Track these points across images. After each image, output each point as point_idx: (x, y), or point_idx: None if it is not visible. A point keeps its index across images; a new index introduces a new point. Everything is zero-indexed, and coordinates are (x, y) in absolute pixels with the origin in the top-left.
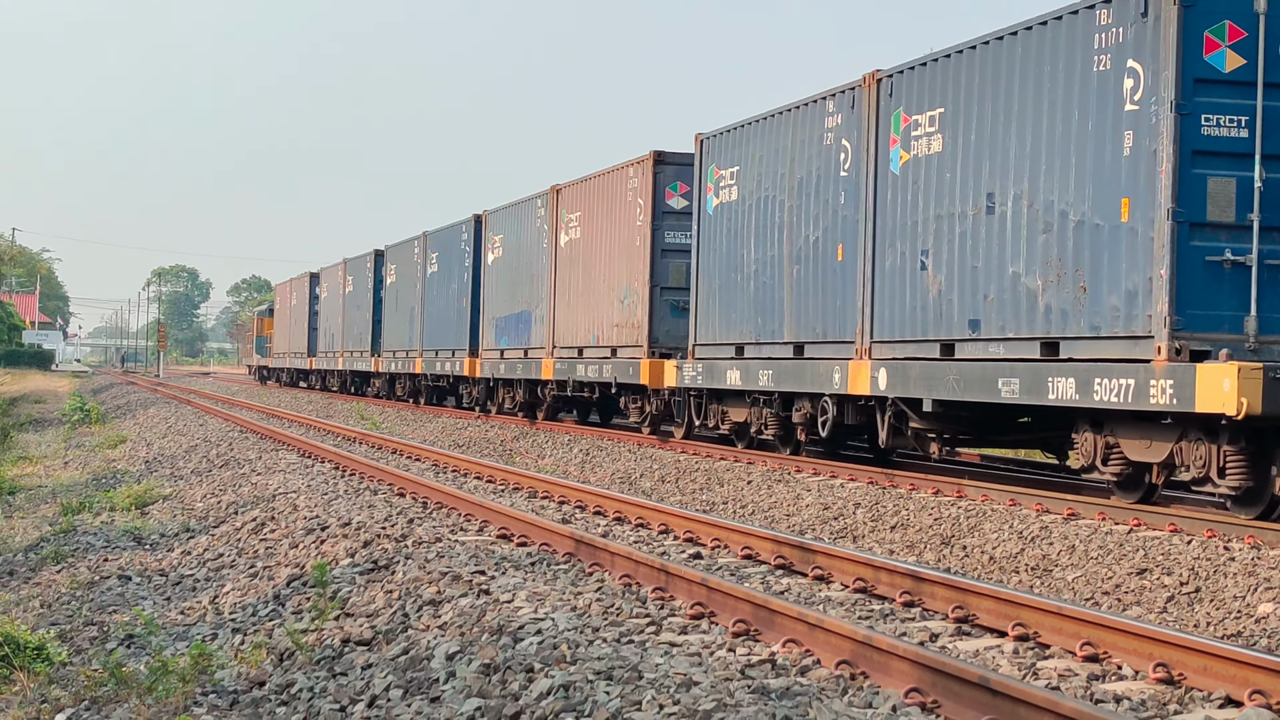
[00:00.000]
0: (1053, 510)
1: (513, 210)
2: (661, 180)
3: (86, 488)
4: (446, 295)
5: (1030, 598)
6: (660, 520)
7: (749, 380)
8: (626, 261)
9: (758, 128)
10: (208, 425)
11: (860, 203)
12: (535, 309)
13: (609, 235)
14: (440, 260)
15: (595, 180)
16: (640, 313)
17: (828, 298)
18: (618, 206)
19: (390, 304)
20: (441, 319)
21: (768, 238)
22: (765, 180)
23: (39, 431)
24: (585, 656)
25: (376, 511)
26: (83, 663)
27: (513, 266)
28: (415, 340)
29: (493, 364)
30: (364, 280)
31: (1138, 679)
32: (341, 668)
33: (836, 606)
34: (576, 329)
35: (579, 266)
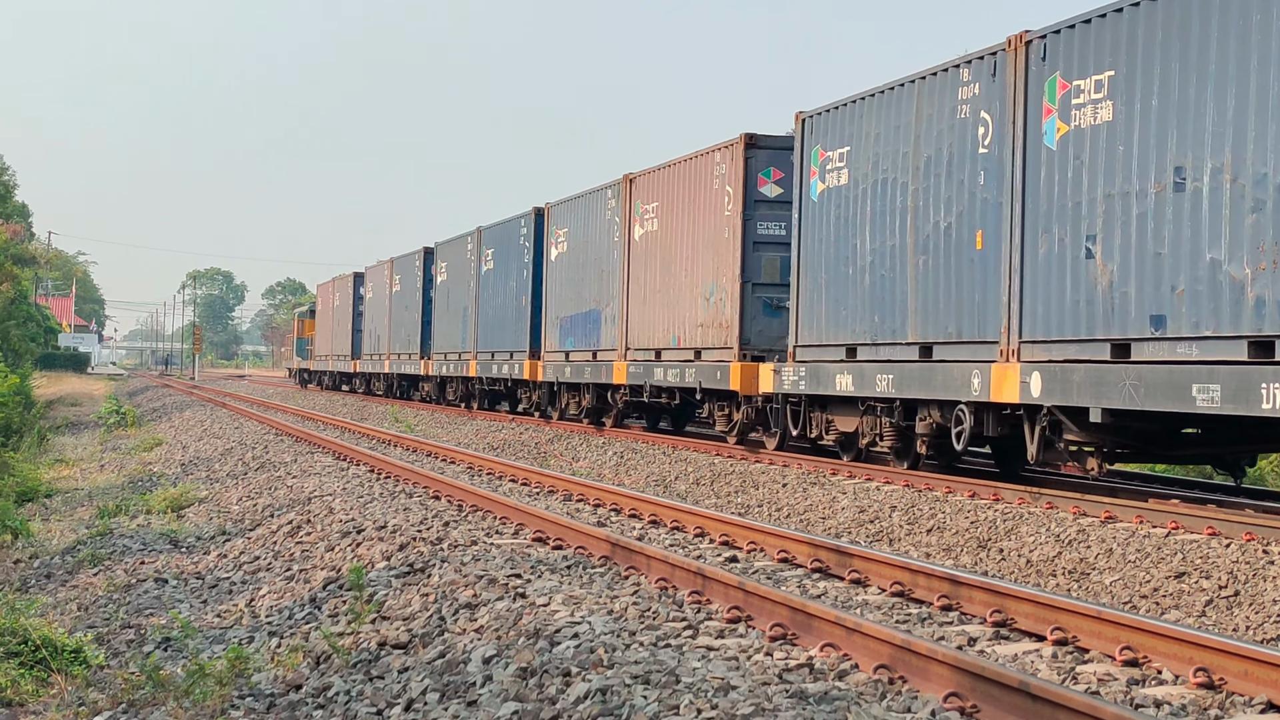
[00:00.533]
0: (1090, 513)
1: (579, 202)
2: (753, 166)
3: (123, 490)
4: (504, 294)
5: (1069, 601)
6: (696, 523)
7: (863, 386)
8: (713, 255)
9: (873, 103)
10: (243, 428)
11: (1005, 183)
12: (605, 308)
13: (691, 227)
14: (496, 257)
15: (675, 168)
16: (729, 311)
17: (963, 292)
18: (702, 195)
19: (441, 304)
20: (498, 319)
21: (886, 225)
22: (883, 161)
23: (75, 434)
24: (622, 660)
25: (412, 515)
26: (120, 665)
27: (579, 263)
28: (469, 342)
29: (557, 367)
30: (412, 279)
31: (1178, 684)
32: (378, 671)
33: (874, 610)
34: (653, 329)
35: (656, 261)
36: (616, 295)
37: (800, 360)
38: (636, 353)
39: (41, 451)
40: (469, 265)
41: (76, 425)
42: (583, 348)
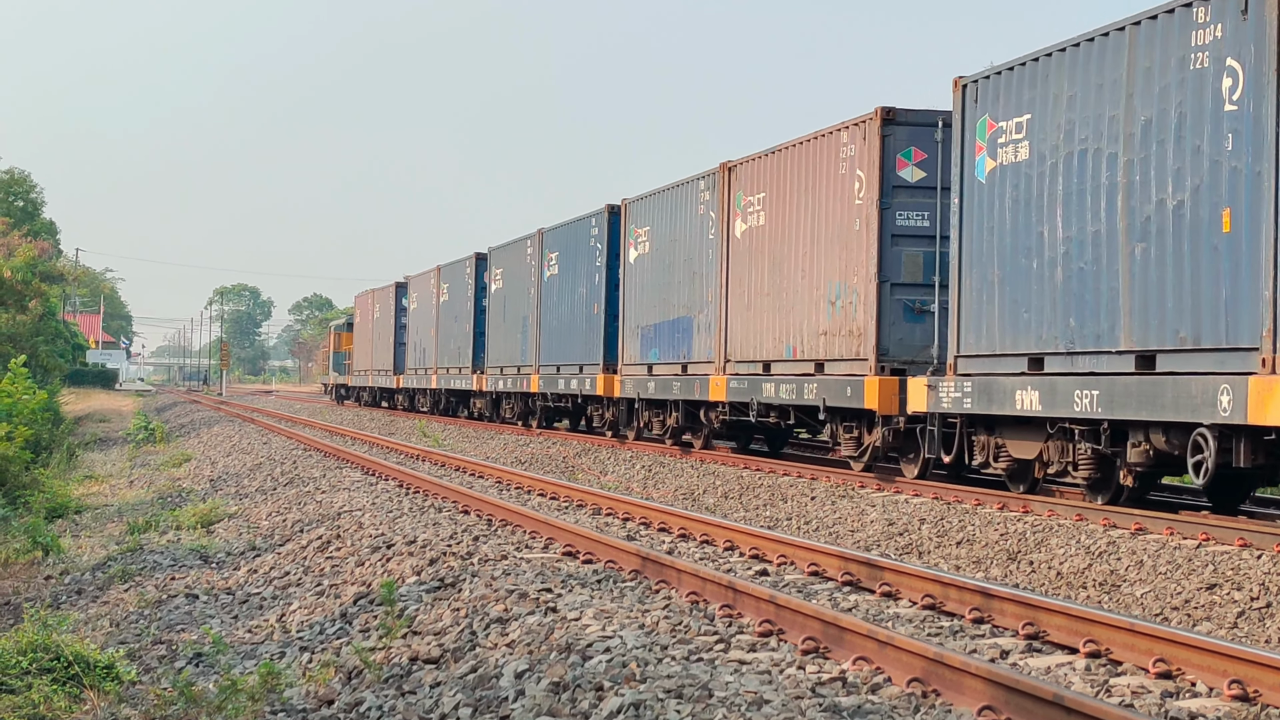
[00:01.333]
0: (1120, 525)
1: (664, 197)
2: (891, 145)
3: (152, 506)
4: (571, 301)
5: (1101, 614)
6: (725, 537)
7: (1054, 404)
8: (839, 252)
9: (1064, 59)
10: (271, 443)
11: (1264, 147)
12: (698, 315)
13: (810, 219)
14: (562, 261)
15: (788, 152)
16: (862, 317)
17: (1201, 286)
18: (824, 182)
19: (496, 313)
20: (565, 329)
21: (1087, 206)
22: (1080, 128)
23: (104, 450)
24: (655, 675)
25: (442, 529)
26: (152, 681)
27: (664, 264)
28: (529, 354)
29: (637, 382)
30: (463, 287)
31: (1212, 696)
32: (410, 686)
33: (905, 623)
34: (761, 338)
35: (763, 260)
36: (713, 300)
37: (964, 374)
38: (738, 365)
39: (71, 468)
40: (529, 271)
41: (105, 441)
42: (669, 360)
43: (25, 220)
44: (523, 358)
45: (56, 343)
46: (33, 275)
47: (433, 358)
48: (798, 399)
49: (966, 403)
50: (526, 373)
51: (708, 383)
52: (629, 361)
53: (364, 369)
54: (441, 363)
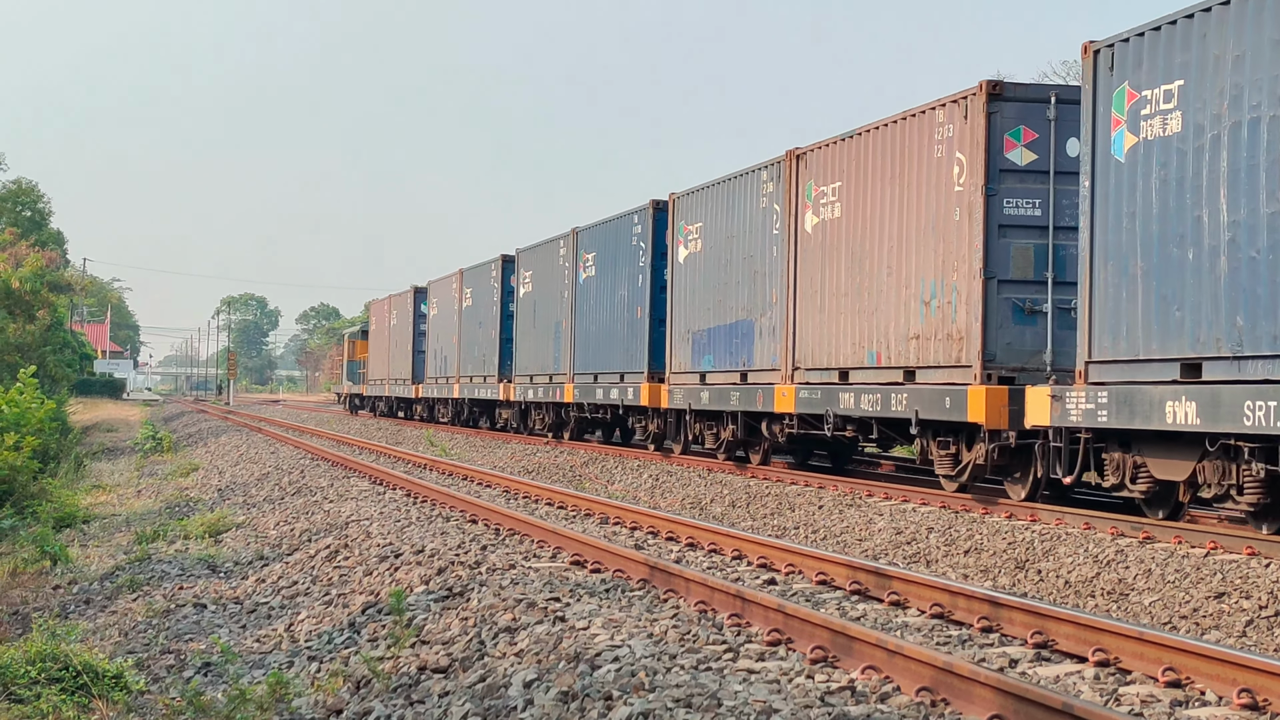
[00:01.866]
0: (1128, 534)
1: (719, 189)
2: (998, 124)
3: (160, 516)
4: (611, 305)
5: (1110, 622)
6: (733, 546)
7: (1218, 417)
8: (935, 245)
9: (1228, 13)
10: (279, 453)
11: None
12: (760, 318)
13: (899, 210)
14: (600, 261)
15: (871, 135)
16: (964, 318)
17: None
18: (915, 167)
19: (525, 318)
20: (603, 335)
21: (1260, 185)
22: (1251, 93)
23: (112, 460)
24: (664, 684)
25: (449, 538)
26: (161, 691)
27: (720, 263)
28: (562, 362)
29: (688, 391)
30: (488, 292)
31: (1221, 705)
32: (418, 695)
33: (914, 632)
34: (837, 343)
35: (839, 257)
36: (778, 302)
37: (1097, 382)
38: (809, 373)
39: (79, 477)
40: (562, 273)
41: (113, 451)
42: (726, 367)
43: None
44: (555, 366)
45: (64, 352)
46: (40, 285)
47: (455, 366)
48: (882, 411)
49: (1101, 416)
50: (560, 382)
51: (772, 393)
52: (678, 369)
53: (379, 378)
54: (465, 371)
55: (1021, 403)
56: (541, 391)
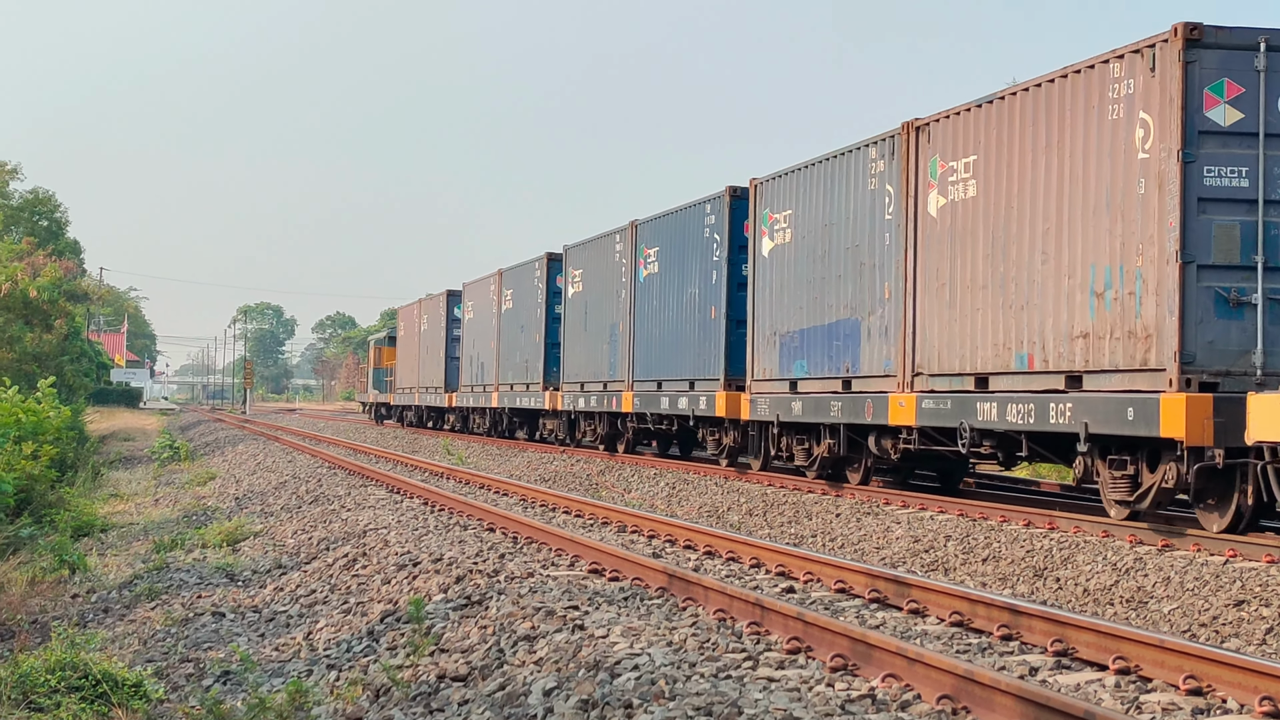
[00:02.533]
0: (1146, 542)
1: (814, 171)
2: (1195, 77)
3: (178, 525)
4: (678, 304)
5: (1131, 630)
6: (751, 554)
7: None
8: (1112, 225)
9: None
10: (296, 462)
11: None
12: (868, 317)
13: (1058, 183)
14: (664, 257)
15: (1015, 99)
16: (1151, 312)
17: None
18: (1080, 132)
19: (574, 321)
20: (669, 338)
21: None
22: None
23: (129, 469)
24: (684, 692)
25: (467, 547)
26: (180, 700)
27: (815, 255)
28: (619, 368)
29: (775, 401)
30: (531, 293)
31: (1244, 713)
32: (438, 704)
33: (933, 640)
34: (972, 344)
35: (975, 243)
36: (892, 298)
37: None
38: (935, 379)
39: (96, 486)
40: (618, 270)
41: (130, 460)
42: (824, 374)
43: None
44: (611, 372)
45: (81, 362)
46: (58, 295)
47: (493, 373)
48: (1036, 424)
49: None
50: (616, 390)
51: (886, 402)
52: (763, 376)
53: (408, 386)
54: (504, 379)
55: (1233, 414)
56: (595, 400)
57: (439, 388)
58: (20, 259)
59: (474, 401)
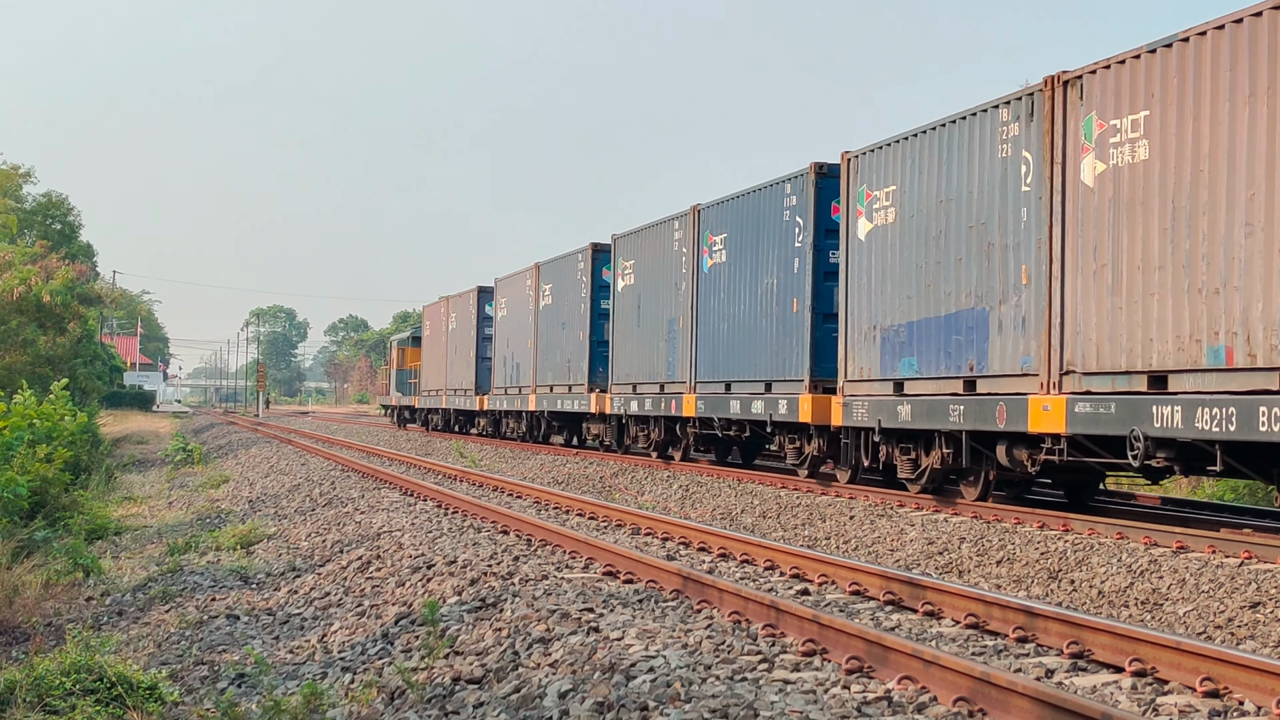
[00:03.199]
0: (1161, 544)
1: (922, 141)
2: None
3: (191, 528)
4: (751, 297)
5: (1147, 632)
6: (765, 556)
7: None
8: None
9: None
10: (309, 464)
11: None
12: (998, 306)
13: (1268, 137)
14: (733, 244)
15: (1203, 40)
16: None
17: None
18: None
19: (625, 317)
20: (740, 335)
21: None
22: None
23: (142, 472)
24: (699, 694)
25: (481, 549)
26: (195, 702)
27: (925, 236)
28: (679, 368)
29: (874, 405)
30: (574, 286)
31: (1260, 715)
32: (453, 706)
33: (949, 642)
34: (1146, 336)
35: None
36: (1031, 283)
37: None
38: (1093, 379)
39: (110, 489)
40: (677, 260)
41: (143, 463)
42: (939, 373)
43: (63, 243)
44: (669, 372)
45: (94, 365)
46: (71, 298)
47: (530, 374)
48: (1240, 432)
49: None
50: (675, 392)
51: (1023, 406)
52: (858, 376)
53: (434, 389)
54: (543, 380)
55: None
56: (650, 404)
57: (468, 390)
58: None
59: (508, 404)
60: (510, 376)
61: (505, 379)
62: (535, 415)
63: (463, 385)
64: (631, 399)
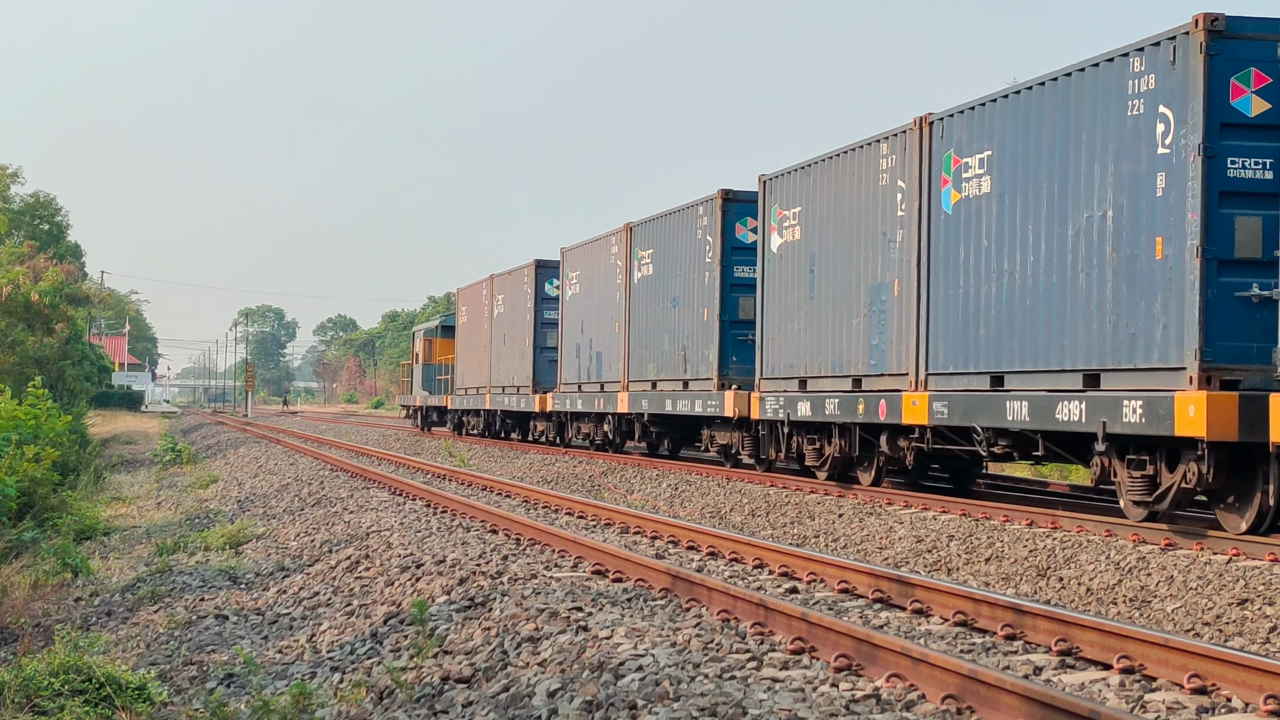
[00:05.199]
0: (1150, 541)
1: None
2: None
3: (180, 528)
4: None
5: (1135, 629)
6: (754, 555)
7: None
8: None
9: None
10: (298, 464)
11: None
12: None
13: None
14: (1001, 164)
15: None
16: None
17: None
18: None
19: (781, 286)
20: (1021, 303)
21: None
22: None
23: (131, 472)
24: (688, 693)
25: (470, 549)
26: (184, 702)
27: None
28: (894, 355)
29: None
30: (689, 252)
31: (1248, 711)
32: (442, 705)
33: (938, 640)
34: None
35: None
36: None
37: None
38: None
39: (98, 489)
40: (877, 198)
41: (132, 463)
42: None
43: (51, 243)
44: (872, 360)
45: (83, 365)
46: (59, 298)
47: (616, 365)
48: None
49: None
50: (883, 389)
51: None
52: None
53: (474, 386)
54: (638, 373)
55: None
56: (833, 405)
57: (523, 387)
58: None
59: (584, 405)
60: (586, 370)
61: (580, 372)
62: (624, 418)
63: (515, 381)
64: (799, 400)
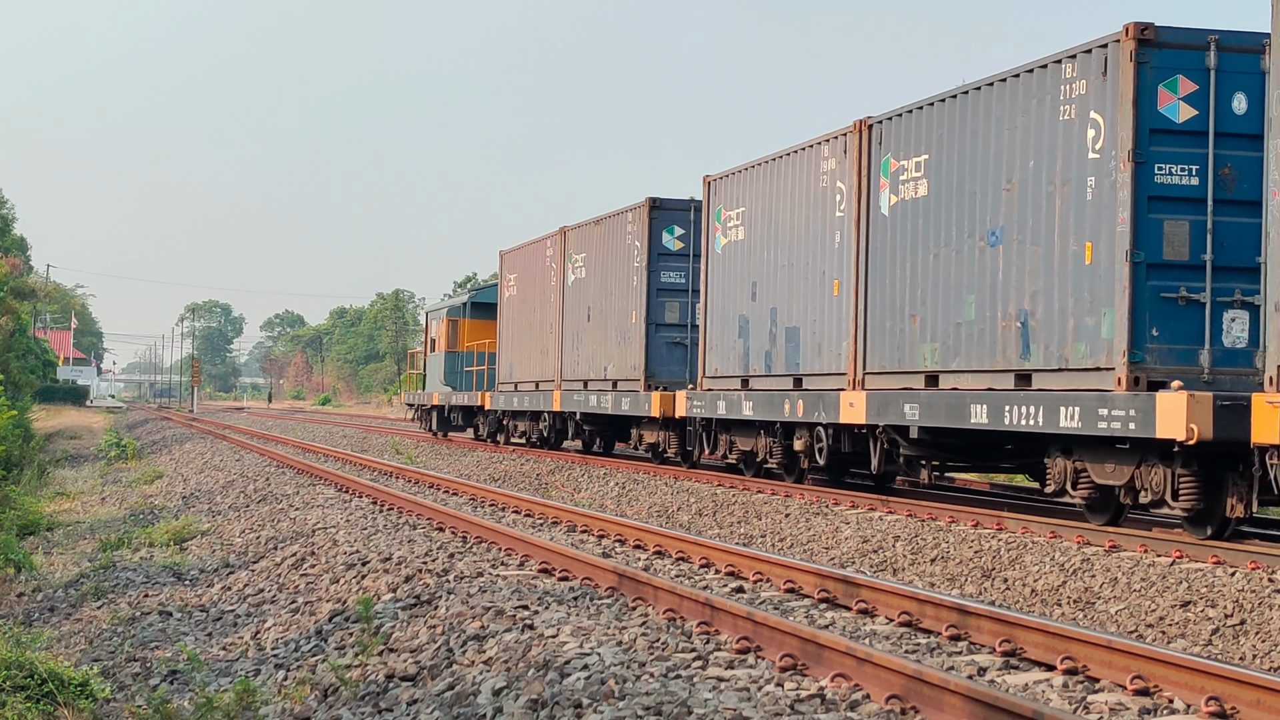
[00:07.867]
0: (1094, 542)
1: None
2: None
3: (124, 523)
4: None
5: (1079, 630)
6: (701, 554)
7: None
8: None
9: None
10: (244, 460)
11: None
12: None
13: None
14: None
15: None
16: None
17: None
18: None
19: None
20: None
21: None
22: None
23: (75, 467)
24: (633, 691)
25: (416, 546)
26: (127, 699)
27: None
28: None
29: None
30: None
31: (1190, 713)
32: (386, 703)
33: (883, 640)
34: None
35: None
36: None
37: None
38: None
39: (42, 484)
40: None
41: (76, 458)
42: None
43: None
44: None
45: (27, 359)
46: (4, 292)
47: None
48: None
49: None
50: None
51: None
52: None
53: (528, 380)
54: (879, 361)
55: None
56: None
57: (630, 379)
58: None
59: (755, 411)
60: (751, 356)
61: (734, 363)
62: (836, 429)
63: (606, 373)
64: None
